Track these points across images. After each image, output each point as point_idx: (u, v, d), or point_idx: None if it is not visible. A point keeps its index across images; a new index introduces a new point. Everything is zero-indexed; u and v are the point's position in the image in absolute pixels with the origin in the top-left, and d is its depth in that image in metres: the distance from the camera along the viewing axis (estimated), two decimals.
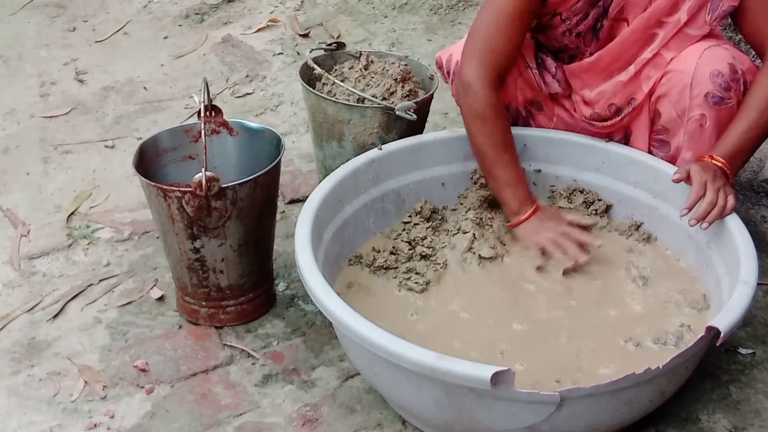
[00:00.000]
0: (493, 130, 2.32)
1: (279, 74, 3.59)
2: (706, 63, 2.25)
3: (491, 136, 2.32)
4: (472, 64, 2.32)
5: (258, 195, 2.26)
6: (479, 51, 2.33)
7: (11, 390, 2.22)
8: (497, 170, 2.33)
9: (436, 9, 3.92)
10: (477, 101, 2.31)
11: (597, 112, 2.43)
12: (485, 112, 2.31)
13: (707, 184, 2.14)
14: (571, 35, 2.41)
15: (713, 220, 2.12)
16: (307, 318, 2.40)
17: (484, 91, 2.31)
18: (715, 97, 2.25)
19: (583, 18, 2.37)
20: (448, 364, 1.78)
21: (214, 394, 2.19)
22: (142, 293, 2.50)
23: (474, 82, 2.31)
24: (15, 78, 3.62)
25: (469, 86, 2.32)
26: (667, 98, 2.31)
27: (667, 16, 2.29)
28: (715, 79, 2.24)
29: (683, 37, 2.30)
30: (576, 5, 2.35)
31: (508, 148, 2.35)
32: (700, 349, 1.93)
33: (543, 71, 2.47)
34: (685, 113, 2.29)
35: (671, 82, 2.30)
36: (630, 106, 2.38)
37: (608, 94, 2.40)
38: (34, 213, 2.84)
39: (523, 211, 2.33)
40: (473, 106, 2.32)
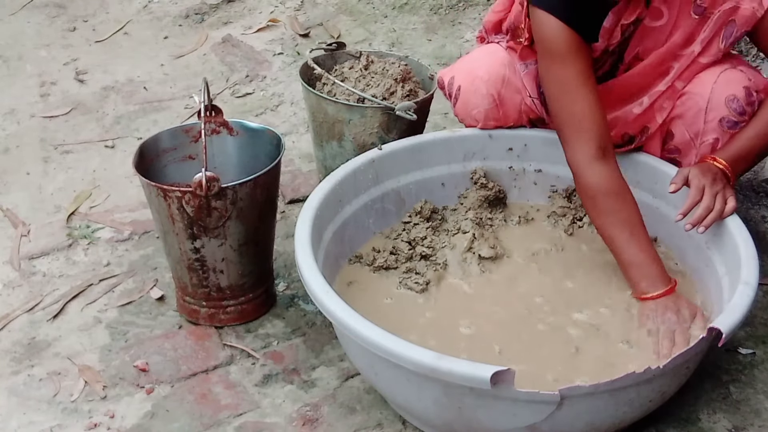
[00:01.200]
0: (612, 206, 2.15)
1: (279, 74, 3.59)
2: (721, 87, 2.23)
3: (609, 213, 2.15)
4: (574, 147, 2.18)
5: (258, 195, 2.26)
6: (573, 129, 2.19)
7: (11, 390, 2.22)
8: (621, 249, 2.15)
9: (436, 9, 3.92)
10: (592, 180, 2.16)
11: None
12: (603, 189, 2.15)
13: (705, 188, 2.13)
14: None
15: (709, 225, 2.11)
16: (307, 318, 2.40)
17: (595, 167, 2.16)
18: (729, 122, 2.24)
19: (601, 66, 2.34)
20: (448, 364, 1.78)
21: (214, 394, 2.19)
22: (142, 293, 2.50)
23: (585, 164, 2.17)
24: (15, 78, 3.62)
25: (580, 171, 2.19)
26: (681, 120, 2.30)
27: (683, 49, 2.26)
28: (731, 104, 2.23)
29: (696, 66, 2.28)
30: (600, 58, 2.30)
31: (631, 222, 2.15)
32: (702, 350, 1.93)
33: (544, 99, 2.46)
34: (698, 137, 2.28)
35: (686, 105, 2.28)
36: (643, 135, 2.37)
37: (621, 123, 2.36)
38: (34, 213, 2.84)
39: (653, 291, 2.13)
40: (589, 185, 2.17)
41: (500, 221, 2.47)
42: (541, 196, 2.57)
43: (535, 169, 2.55)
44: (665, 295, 2.12)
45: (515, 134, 2.53)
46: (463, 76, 2.46)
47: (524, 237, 2.43)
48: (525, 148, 2.53)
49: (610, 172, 2.18)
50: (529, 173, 2.56)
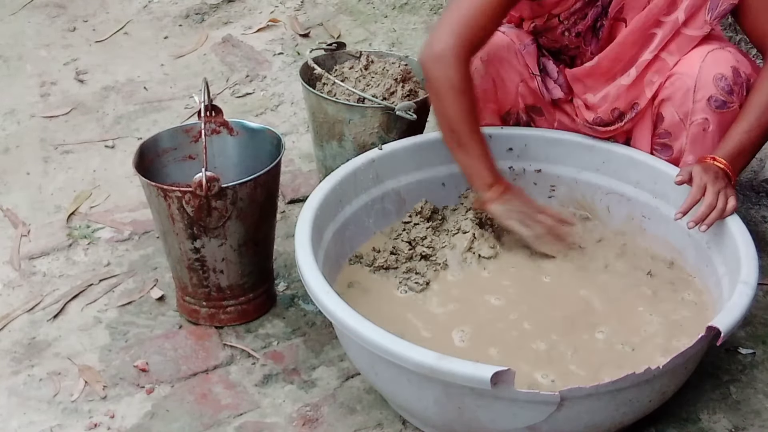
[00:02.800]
0: (470, 103, 2.28)
1: (279, 74, 3.59)
2: (709, 66, 2.24)
3: (466, 109, 2.27)
4: (448, 36, 2.25)
5: (258, 195, 2.26)
6: (456, 23, 2.26)
7: (11, 390, 2.22)
8: (472, 143, 2.28)
9: (436, 9, 3.92)
10: (453, 72, 2.24)
11: (600, 117, 2.42)
12: (461, 84, 2.25)
13: (707, 186, 2.13)
14: (571, 35, 2.41)
15: (712, 223, 2.12)
16: (307, 318, 2.40)
17: (459, 65, 2.24)
18: (717, 101, 2.24)
19: (582, 18, 2.36)
20: (449, 364, 1.78)
21: (215, 394, 2.19)
22: (143, 293, 2.50)
23: (449, 54, 2.25)
24: (15, 78, 3.62)
25: (442, 57, 2.25)
26: (670, 102, 2.31)
27: (665, 16, 2.28)
28: (719, 82, 2.23)
29: (683, 38, 2.29)
30: (574, 6, 2.34)
31: (477, 126, 2.31)
32: (701, 349, 1.93)
33: (545, 77, 2.47)
34: (687, 117, 2.29)
35: (674, 85, 2.29)
36: (633, 111, 2.38)
37: (611, 98, 2.39)
38: (35, 213, 2.84)
39: (497, 185, 2.30)
40: (448, 76, 2.25)
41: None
42: (541, 196, 2.56)
43: (535, 169, 2.55)
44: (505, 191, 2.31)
45: (515, 134, 2.53)
46: None
47: None
48: (525, 148, 2.53)
49: (470, 74, 2.29)
50: (529, 173, 2.56)
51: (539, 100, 2.52)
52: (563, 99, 2.49)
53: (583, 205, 2.54)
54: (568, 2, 2.34)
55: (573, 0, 2.33)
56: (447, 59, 2.25)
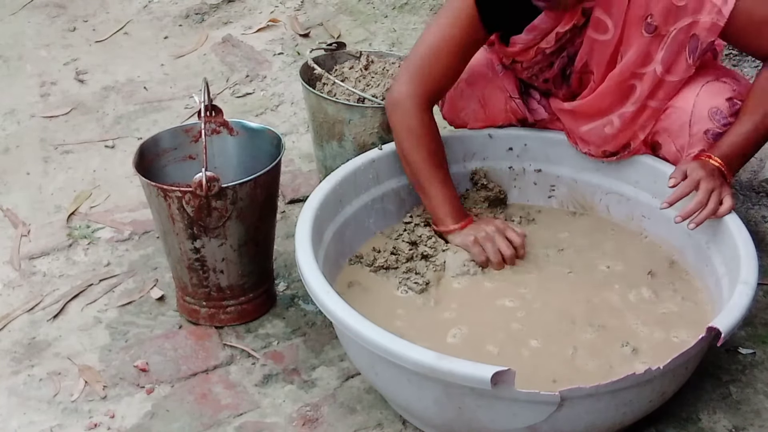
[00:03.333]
0: (427, 149, 2.31)
1: (279, 74, 3.59)
2: (704, 101, 2.22)
3: (423, 155, 2.31)
4: (406, 83, 2.32)
5: (258, 195, 2.26)
6: (414, 72, 2.32)
7: (11, 390, 2.22)
8: (432, 188, 2.32)
9: (436, 9, 3.92)
10: (410, 120, 2.31)
11: (591, 152, 2.43)
12: (419, 130, 2.31)
13: (701, 182, 2.11)
14: (538, 80, 2.41)
15: (701, 221, 2.10)
16: (307, 318, 2.40)
17: (417, 112, 2.31)
18: (714, 134, 2.22)
19: (548, 66, 2.36)
20: (449, 364, 1.78)
21: (215, 394, 2.19)
22: (143, 293, 2.50)
23: (404, 101, 2.31)
24: (15, 78, 3.62)
25: (398, 104, 2.32)
26: (666, 133, 2.30)
27: (641, 68, 2.25)
28: (714, 116, 2.21)
29: (668, 85, 2.25)
30: (535, 58, 2.34)
31: (443, 166, 2.34)
32: (701, 350, 1.93)
33: (529, 98, 2.48)
34: (684, 149, 2.28)
35: (670, 118, 2.28)
36: (625, 150, 2.38)
37: (598, 141, 2.39)
38: (35, 213, 2.84)
39: (457, 222, 2.32)
40: (405, 122, 2.32)
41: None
42: (541, 197, 2.57)
43: (535, 169, 2.55)
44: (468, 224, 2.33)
45: (515, 134, 2.53)
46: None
47: None
48: (525, 148, 2.53)
49: (432, 120, 2.34)
50: (529, 173, 2.56)
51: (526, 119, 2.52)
52: (549, 119, 2.49)
53: (583, 205, 2.54)
54: (528, 54, 2.33)
55: (533, 53, 2.32)
56: (404, 106, 2.32)
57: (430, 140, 2.33)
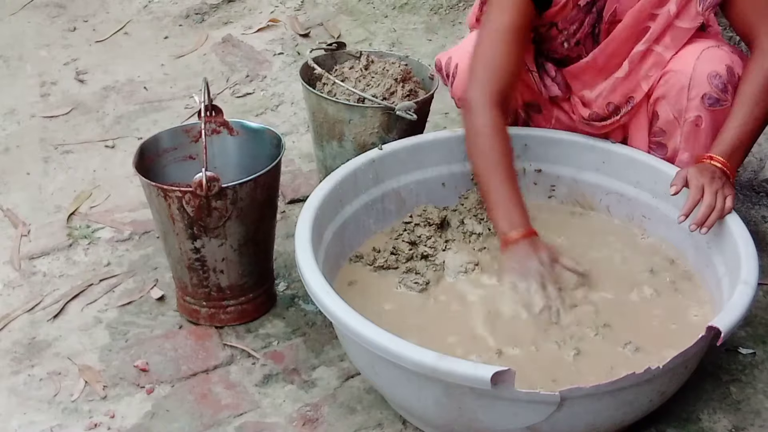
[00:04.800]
0: (491, 148, 2.25)
1: (279, 74, 3.59)
2: (704, 64, 2.25)
3: (486, 153, 2.26)
4: (474, 85, 2.31)
5: (258, 195, 2.26)
6: (479, 70, 2.31)
7: (12, 390, 2.22)
8: (491, 188, 2.23)
9: (437, 9, 3.92)
10: (478, 119, 2.28)
11: (596, 112, 2.43)
12: (485, 131, 2.26)
13: (704, 187, 2.13)
14: (570, 44, 2.41)
15: (712, 224, 2.12)
16: (307, 318, 2.40)
17: (485, 110, 2.27)
18: (711, 98, 2.24)
19: (579, 26, 2.37)
20: (449, 364, 1.78)
21: (215, 394, 2.19)
22: (143, 293, 2.50)
23: (474, 102, 2.29)
24: (15, 78, 3.62)
25: (469, 106, 2.30)
26: (665, 100, 2.31)
27: (658, 8, 2.29)
28: (713, 80, 2.24)
29: (676, 31, 2.29)
30: (571, 14, 2.35)
31: (506, 166, 2.25)
32: (701, 349, 1.93)
33: (543, 75, 2.48)
34: (681, 115, 2.29)
35: (669, 83, 2.30)
36: (628, 105, 2.38)
37: (606, 91, 2.40)
38: (35, 213, 2.84)
39: (514, 234, 2.17)
40: (474, 124, 2.29)
41: None
42: (542, 196, 2.57)
43: (535, 169, 2.55)
44: (524, 237, 2.17)
45: (515, 134, 2.52)
46: (460, 55, 2.49)
47: None
48: (525, 148, 2.53)
49: (500, 120, 2.28)
50: (529, 173, 2.56)
51: (537, 97, 2.52)
52: (561, 97, 2.49)
53: (584, 205, 2.54)
54: (565, 10, 2.34)
55: (570, 7, 2.33)
56: (469, 106, 2.30)
57: (496, 139, 2.26)
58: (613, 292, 2.24)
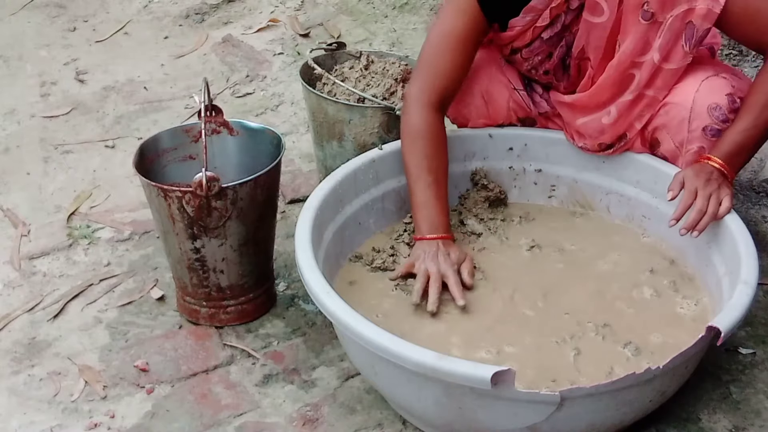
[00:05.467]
0: (422, 150, 2.27)
1: (279, 74, 3.59)
2: (703, 96, 2.22)
3: (417, 155, 2.27)
4: (415, 83, 2.34)
5: (258, 195, 2.26)
6: (422, 70, 2.33)
7: (12, 390, 2.22)
8: (417, 190, 2.25)
9: (437, 9, 3.92)
10: (412, 118, 2.30)
11: (587, 146, 2.43)
12: (418, 131, 2.29)
13: (698, 190, 2.13)
14: (539, 72, 2.41)
15: (703, 228, 2.11)
16: (307, 318, 2.40)
17: (421, 110, 2.29)
18: (713, 130, 2.23)
19: (547, 57, 2.36)
20: (449, 364, 1.78)
21: (215, 394, 2.19)
22: (143, 293, 2.50)
23: (413, 101, 2.31)
24: (15, 78, 3.62)
25: (407, 104, 2.33)
26: (666, 130, 2.30)
27: (640, 56, 2.25)
28: (713, 112, 2.21)
29: (666, 73, 2.26)
30: (533, 44, 2.34)
31: (433, 170, 2.27)
32: (701, 349, 1.93)
33: (531, 93, 2.48)
34: (683, 145, 2.28)
35: (669, 114, 2.28)
36: (621, 141, 2.38)
37: (595, 132, 2.39)
38: (35, 213, 2.84)
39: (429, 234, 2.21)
40: (408, 122, 2.31)
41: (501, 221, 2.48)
42: (542, 196, 2.57)
43: (536, 168, 2.55)
44: (439, 239, 2.21)
45: (515, 134, 2.53)
46: None
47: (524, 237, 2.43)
48: (525, 148, 2.53)
49: (435, 121, 2.31)
50: (529, 173, 2.56)
51: (529, 113, 2.52)
52: (551, 112, 2.49)
53: (584, 205, 2.54)
54: (525, 37, 2.34)
55: (530, 37, 2.33)
56: (409, 105, 2.33)
57: (428, 141, 2.29)
58: (613, 291, 2.25)
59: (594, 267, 2.33)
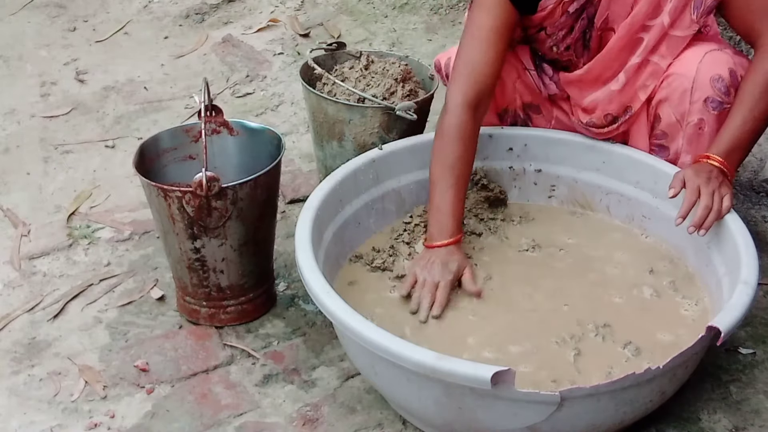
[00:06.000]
0: (451, 152, 2.26)
1: (279, 74, 3.59)
2: (707, 67, 2.24)
3: (444, 156, 2.26)
4: (452, 84, 2.32)
5: (258, 195, 2.26)
6: (459, 69, 2.32)
7: (12, 390, 2.22)
8: (436, 192, 2.25)
9: (437, 9, 3.92)
10: (448, 118, 2.28)
11: (593, 120, 2.42)
12: (450, 132, 2.27)
13: (701, 188, 2.13)
14: (560, 49, 2.41)
15: (710, 225, 2.12)
16: (307, 318, 2.40)
17: (457, 111, 2.28)
18: (714, 101, 2.24)
19: (569, 32, 2.37)
20: (449, 364, 1.78)
21: (215, 394, 2.19)
22: (143, 293, 2.50)
23: (450, 101, 2.30)
24: (15, 78, 3.63)
25: (446, 104, 2.31)
26: (667, 102, 2.31)
27: (651, 20, 2.28)
28: (715, 83, 2.23)
29: (672, 40, 2.28)
30: (560, 20, 2.34)
31: (455, 173, 2.25)
32: (701, 349, 1.93)
33: (541, 74, 2.48)
34: (684, 117, 2.29)
35: (671, 86, 2.29)
36: (626, 114, 2.38)
37: (603, 102, 2.39)
38: (35, 213, 2.84)
39: (438, 241, 2.22)
40: (442, 122, 2.30)
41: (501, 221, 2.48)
42: (542, 196, 2.57)
43: (536, 169, 2.55)
44: (444, 246, 2.21)
45: (515, 134, 2.53)
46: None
47: (524, 237, 2.43)
48: (525, 148, 2.53)
49: (470, 123, 2.29)
50: (529, 173, 2.56)
51: (536, 97, 2.52)
52: (560, 96, 2.49)
53: (584, 205, 2.54)
54: (554, 16, 2.34)
55: (559, 13, 2.33)
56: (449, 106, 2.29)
57: (458, 143, 2.26)
58: (613, 292, 2.25)
59: (594, 267, 2.33)
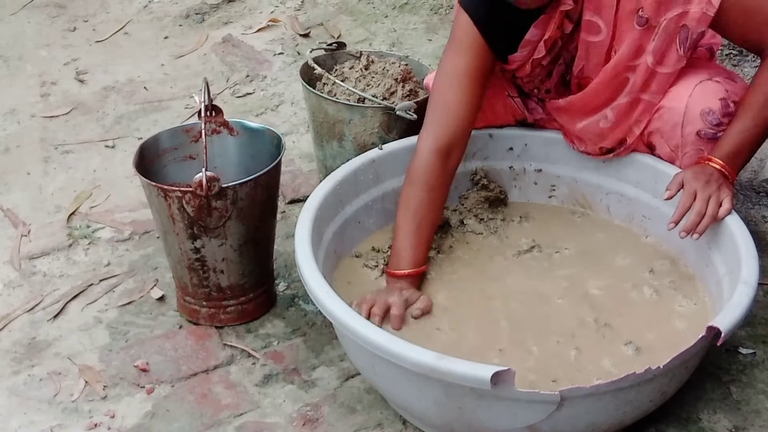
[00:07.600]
0: (415, 197, 2.23)
1: (279, 74, 3.59)
2: (696, 101, 2.21)
3: (408, 200, 2.24)
4: (425, 128, 2.28)
5: (258, 195, 2.26)
6: (432, 114, 2.28)
7: (12, 390, 2.22)
8: (397, 233, 2.23)
9: (437, 9, 3.92)
10: (416, 164, 2.25)
11: (588, 150, 2.42)
12: (416, 177, 2.24)
13: (697, 192, 2.12)
14: (540, 91, 2.40)
15: (703, 230, 2.11)
16: (307, 318, 2.40)
17: (427, 157, 2.24)
18: (707, 134, 2.22)
19: (548, 76, 2.36)
20: (449, 364, 1.78)
21: (215, 394, 2.19)
22: (143, 293, 2.50)
23: (421, 146, 2.27)
24: (15, 78, 3.63)
25: (417, 148, 2.28)
26: (659, 134, 2.29)
27: (634, 60, 2.24)
28: (706, 117, 2.21)
29: (661, 77, 2.24)
30: (533, 72, 2.33)
31: (418, 218, 2.22)
32: (701, 349, 1.93)
33: (526, 99, 2.47)
34: (678, 149, 2.28)
35: (662, 119, 2.27)
36: (621, 147, 2.37)
37: (591, 135, 2.38)
38: (35, 213, 2.84)
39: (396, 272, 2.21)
40: (411, 167, 2.26)
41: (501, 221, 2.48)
42: (542, 196, 2.57)
43: (536, 168, 2.55)
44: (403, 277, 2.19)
45: (515, 134, 2.53)
46: None
47: (524, 237, 2.43)
48: (525, 148, 2.53)
49: (439, 171, 2.25)
50: (529, 173, 2.56)
51: (527, 116, 2.52)
52: (547, 119, 2.49)
53: (584, 205, 2.54)
54: (525, 69, 2.33)
55: (529, 67, 2.32)
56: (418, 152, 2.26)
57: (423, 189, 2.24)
58: (613, 292, 2.25)
59: (594, 267, 2.33)
